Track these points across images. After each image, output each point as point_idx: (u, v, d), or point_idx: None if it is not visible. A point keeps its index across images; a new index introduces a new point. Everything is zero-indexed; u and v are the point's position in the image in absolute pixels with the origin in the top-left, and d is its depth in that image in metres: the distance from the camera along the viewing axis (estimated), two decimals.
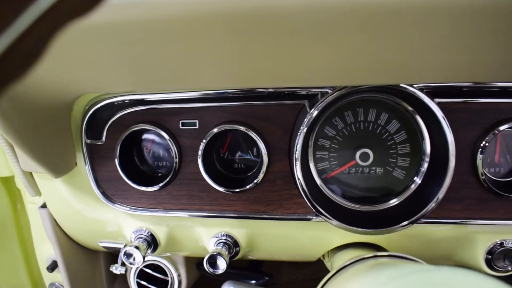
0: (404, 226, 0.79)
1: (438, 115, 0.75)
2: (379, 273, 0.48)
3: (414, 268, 0.47)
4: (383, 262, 0.65)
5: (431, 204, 0.77)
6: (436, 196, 0.77)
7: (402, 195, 0.85)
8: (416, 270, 0.44)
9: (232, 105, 0.83)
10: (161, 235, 0.93)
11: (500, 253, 0.87)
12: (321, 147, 0.87)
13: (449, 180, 0.76)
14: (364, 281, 0.49)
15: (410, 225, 0.79)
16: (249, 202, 0.85)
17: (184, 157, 0.86)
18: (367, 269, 0.57)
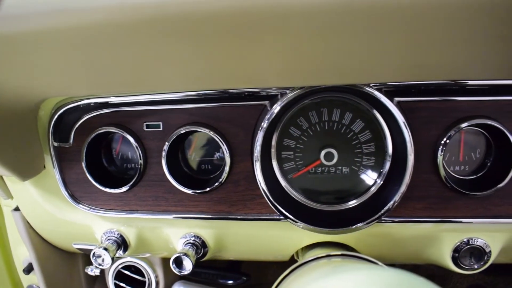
0: (362, 226, 0.79)
1: (395, 114, 0.75)
2: (316, 271, 0.49)
3: (350, 266, 0.47)
4: (334, 262, 0.66)
5: (389, 205, 0.77)
6: (395, 196, 0.77)
7: (364, 195, 0.85)
8: (349, 269, 0.45)
9: (195, 107, 0.84)
10: (131, 237, 0.94)
11: (467, 251, 0.87)
12: (286, 147, 0.88)
13: (408, 180, 0.76)
14: (302, 279, 0.49)
15: (369, 225, 0.79)
16: (214, 203, 0.86)
17: (149, 159, 0.87)
18: (313, 268, 0.57)
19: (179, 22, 0.56)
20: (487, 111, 0.79)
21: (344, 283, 0.40)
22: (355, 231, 0.79)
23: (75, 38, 0.57)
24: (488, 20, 0.55)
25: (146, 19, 0.55)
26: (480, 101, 0.79)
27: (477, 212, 0.82)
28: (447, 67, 0.70)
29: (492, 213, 0.82)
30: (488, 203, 0.81)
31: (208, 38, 0.59)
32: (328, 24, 0.56)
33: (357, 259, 0.69)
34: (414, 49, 0.63)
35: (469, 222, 0.82)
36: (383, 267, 0.44)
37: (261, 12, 0.54)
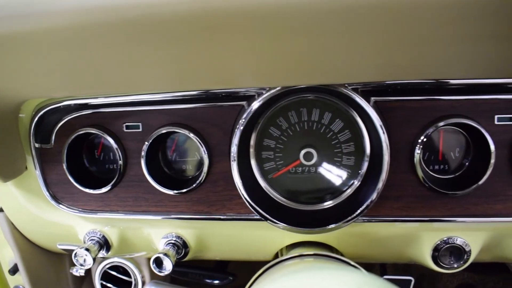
0: (340, 225, 0.79)
1: (370, 113, 0.75)
2: (281, 270, 0.49)
3: (315, 266, 0.47)
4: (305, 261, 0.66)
5: (365, 204, 0.77)
6: (371, 196, 0.77)
7: (343, 194, 0.85)
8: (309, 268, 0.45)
9: (174, 107, 0.84)
10: (113, 237, 0.95)
11: (446, 250, 0.87)
12: (266, 147, 0.88)
13: (384, 179, 0.76)
14: (267, 277, 0.50)
15: (346, 224, 0.79)
16: (193, 203, 0.86)
17: (129, 159, 0.87)
18: (282, 267, 0.57)
19: (152, 24, 0.56)
20: (464, 110, 0.79)
21: (297, 282, 0.40)
22: (333, 230, 0.79)
23: (53, 40, 0.58)
24: (464, 19, 0.55)
25: (121, 21, 0.55)
26: (457, 100, 0.79)
27: (455, 211, 0.82)
28: (424, 67, 0.70)
29: (470, 212, 0.82)
30: (465, 202, 0.81)
31: (181, 39, 0.60)
32: (301, 24, 0.56)
33: (329, 259, 0.69)
34: (390, 49, 0.63)
35: (447, 221, 0.82)
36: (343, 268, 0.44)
37: (234, 12, 0.54)
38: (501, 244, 0.88)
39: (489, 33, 0.59)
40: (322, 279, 0.40)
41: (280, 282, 0.42)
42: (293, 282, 0.41)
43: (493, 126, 0.79)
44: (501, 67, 0.72)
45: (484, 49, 0.63)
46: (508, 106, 0.79)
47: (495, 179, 0.80)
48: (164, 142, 0.91)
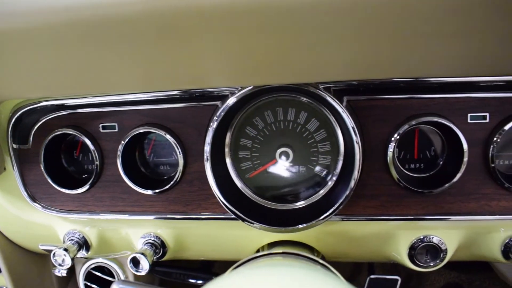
0: (313, 224, 0.79)
1: (341, 112, 0.75)
2: (239, 269, 0.49)
3: (270, 263, 0.48)
4: (274, 259, 0.67)
5: (337, 204, 0.77)
6: (343, 196, 0.77)
7: (318, 194, 0.86)
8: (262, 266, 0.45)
9: (150, 108, 0.85)
10: (92, 237, 0.95)
11: (422, 248, 0.87)
12: (243, 147, 0.88)
13: (356, 179, 0.76)
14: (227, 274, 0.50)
15: (320, 223, 0.79)
16: (169, 202, 0.86)
17: (106, 159, 0.87)
18: (246, 266, 0.58)
19: (123, 24, 0.56)
20: (437, 109, 0.80)
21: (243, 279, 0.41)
22: (304, 230, 0.79)
23: (25, 41, 0.58)
24: (438, 17, 0.55)
25: (91, 21, 0.56)
26: (430, 98, 0.79)
27: (429, 209, 0.82)
28: (396, 65, 0.70)
29: (444, 211, 0.82)
30: (440, 201, 0.81)
31: (151, 40, 0.60)
32: (271, 23, 0.57)
33: (297, 257, 0.69)
34: (361, 48, 0.63)
35: (421, 219, 0.82)
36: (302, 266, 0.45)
37: (203, 12, 0.54)
38: (477, 242, 0.88)
39: (460, 32, 0.59)
40: (268, 276, 0.41)
41: (227, 279, 0.42)
42: (235, 279, 0.42)
43: (466, 124, 0.79)
44: (473, 65, 0.73)
45: (455, 48, 0.63)
46: (481, 105, 0.79)
47: (469, 177, 0.80)
48: (142, 142, 0.91)
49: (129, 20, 0.55)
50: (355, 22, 0.57)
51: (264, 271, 0.42)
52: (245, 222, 0.81)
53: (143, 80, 0.74)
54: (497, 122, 0.79)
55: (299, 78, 0.74)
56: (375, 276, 1.33)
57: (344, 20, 0.56)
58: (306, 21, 0.56)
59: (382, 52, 0.65)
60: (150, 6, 0.54)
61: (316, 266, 0.65)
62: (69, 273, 1.19)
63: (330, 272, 0.62)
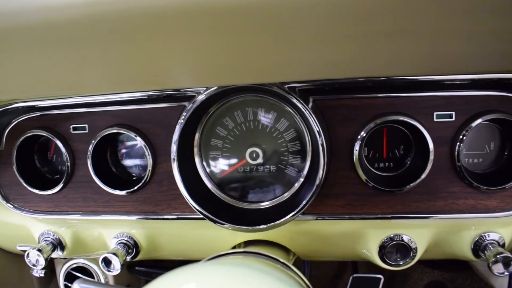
0: (279, 223, 0.79)
1: (304, 112, 0.75)
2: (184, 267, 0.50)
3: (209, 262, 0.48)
4: (236, 258, 0.67)
5: (303, 203, 0.77)
6: (309, 195, 0.77)
7: (287, 193, 0.86)
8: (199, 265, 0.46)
9: (119, 109, 0.85)
10: (66, 238, 0.96)
11: (392, 247, 0.87)
12: (214, 147, 0.89)
13: (320, 178, 0.76)
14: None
15: (286, 222, 0.79)
16: (139, 203, 0.87)
17: (77, 160, 0.88)
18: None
19: (86, 25, 0.57)
20: (403, 108, 0.80)
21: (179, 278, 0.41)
22: (270, 229, 0.80)
23: None
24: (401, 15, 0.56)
25: (57, 22, 0.56)
26: (396, 97, 0.80)
27: (396, 208, 0.82)
28: (361, 64, 0.70)
29: (411, 210, 0.82)
30: (407, 199, 0.82)
31: (115, 41, 0.60)
32: (233, 23, 0.57)
33: (258, 256, 0.69)
34: (324, 47, 0.63)
35: (388, 218, 0.82)
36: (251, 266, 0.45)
37: (166, 12, 0.55)
38: (448, 240, 0.88)
39: (422, 30, 0.59)
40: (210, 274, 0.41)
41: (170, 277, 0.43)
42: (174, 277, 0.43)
43: (432, 123, 0.79)
44: (437, 64, 0.73)
45: (419, 47, 0.64)
46: (446, 103, 0.79)
47: (435, 176, 0.81)
48: (114, 142, 0.92)
49: (90, 22, 0.56)
50: (317, 21, 0.57)
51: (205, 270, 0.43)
52: (212, 222, 0.82)
53: (108, 82, 0.74)
54: (463, 120, 0.79)
55: (263, 78, 0.74)
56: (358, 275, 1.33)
57: (307, 19, 0.56)
58: (268, 21, 0.56)
59: (345, 51, 0.65)
60: (111, 7, 0.54)
61: (276, 265, 0.66)
62: (50, 274, 1.20)
63: (284, 272, 0.62)
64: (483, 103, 0.79)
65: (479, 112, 0.79)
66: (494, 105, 0.79)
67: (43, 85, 0.73)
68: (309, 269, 1.47)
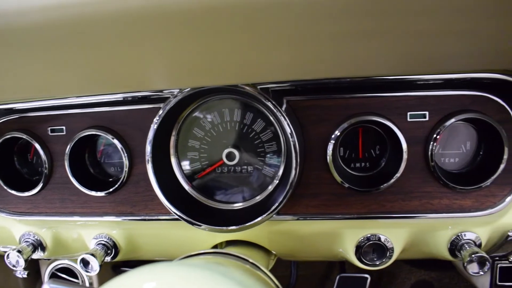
0: (253, 224, 0.79)
1: (276, 112, 0.76)
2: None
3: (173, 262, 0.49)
4: (205, 258, 0.68)
5: (276, 204, 0.77)
6: (282, 195, 0.77)
7: (263, 193, 0.86)
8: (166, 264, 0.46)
9: (96, 111, 0.86)
10: (47, 239, 0.96)
11: (369, 247, 0.87)
12: (191, 148, 0.89)
13: (293, 179, 0.76)
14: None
15: (260, 222, 0.79)
16: (116, 204, 0.87)
17: (55, 162, 0.89)
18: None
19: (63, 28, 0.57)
20: (377, 108, 0.80)
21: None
22: (242, 230, 0.80)
23: None
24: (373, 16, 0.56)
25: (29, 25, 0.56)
26: (370, 97, 0.80)
27: (371, 208, 0.82)
28: (334, 65, 0.71)
29: (386, 209, 0.82)
30: (382, 199, 0.82)
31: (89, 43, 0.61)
32: (205, 24, 0.57)
33: (227, 256, 0.70)
34: (299, 47, 0.63)
35: (363, 218, 0.83)
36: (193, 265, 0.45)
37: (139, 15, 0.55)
38: (425, 240, 0.88)
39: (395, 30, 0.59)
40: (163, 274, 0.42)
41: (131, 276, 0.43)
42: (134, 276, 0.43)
43: (406, 123, 0.80)
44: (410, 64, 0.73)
45: (392, 47, 0.64)
46: (420, 103, 0.80)
47: (410, 176, 0.81)
48: (92, 144, 0.92)
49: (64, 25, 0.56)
50: (289, 22, 0.57)
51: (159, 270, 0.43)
52: (187, 223, 0.82)
53: (82, 84, 0.75)
54: (436, 120, 0.79)
55: (236, 80, 0.75)
56: (345, 274, 1.33)
57: (279, 20, 0.56)
58: (240, 22, 0.57)
59: (318, 52, 0.65)
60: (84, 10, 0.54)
61: (245, 266, 0.66)
62: (36, 275, 1.21)
63: (251, 273, 0.62)
64: (457, 102, 0.79)
65: (452, 111, 0.79)
66: (468, 105, 0.79)
67: (19, 88, 0.74)
68: (296, 269, 1.47)
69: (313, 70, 0.73)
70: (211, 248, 0.96)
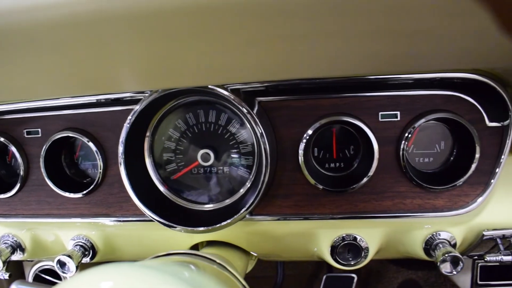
0: (225, 224, 0.79)
1: (246, 114, 0.76)
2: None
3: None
4: (172, 258, 0.68)
5: (248, 204, 0.77)
6: (253, 196, 0.77)
7: (237, 194, 0.87)
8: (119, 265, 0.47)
9: (71, 113, 0.86)
10: (26, 240, 0.97)
11: (344, 247, 0.87)
12: (167, 149, 0.89)
13: (263, 180, 0.76)
14: None
15: (230, 224, 0.79)
16: (92, 205, 0.88)
17: (31, 164, 0.89)
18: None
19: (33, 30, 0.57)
20: (348, 108, 0.80)
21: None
22: (214, 231, 0.80)
23: None
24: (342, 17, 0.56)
25: None
26: (341, 98, 0.80)
27: (343, 208, 0.82)
28: (304, 65, 0.71)
29: (358, 209, 0.82)
30: (354, 199, 0.82)
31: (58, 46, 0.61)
32: (174, 26, 0.57)
33: (194, 257, 0.70)
34: (267, 49, 0.63)
35: (336, 219, 0.83)
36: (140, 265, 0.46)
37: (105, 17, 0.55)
38: (400, 240, 0.88)
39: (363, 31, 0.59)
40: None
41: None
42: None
43: (377, 123, 0.80)
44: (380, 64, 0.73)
45: (361, 46, 0.64)
46: (392, 103, 0.80)
47: (382, 176, 0.81)
48: (69, 146, 0.93)
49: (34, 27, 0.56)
50: (257, 22, 0.57)
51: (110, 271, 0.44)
52: (160, 224, 0.82)
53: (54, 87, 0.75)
54: (408, 120, 0.79)
55: (206, 81, 0.75)
56: (332, 274, 1.34)
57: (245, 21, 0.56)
58: (208, 23, 0.57)
59: (287, 52, 0.65)
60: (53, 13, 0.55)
61: (212, 266, 0.66)
62: (21, 276, 1.21)
63: (214, 274, 0.63)
64: (429, 102, 0.79)
65: (424, 111, 0.79)
66: (439, 105, 0.79)
67: None
68: (283, 269, 1.47)
69: (283, 71, 0.73)
70: (189, 248, 0.97)
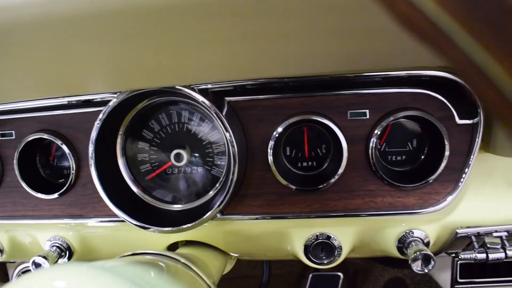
0: (187, 227, 0.79)
1: (213, 113, 0.76)
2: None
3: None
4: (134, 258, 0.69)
5: (217, 203, 0.78)
6: (223, 195, 0.78)
7: (208, 194, 0.87)
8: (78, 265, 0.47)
9: (43, 115, 0.87)
10: (4, 242, 0.98)
11: (317, 245, 0.87)
12: (141, 149, 0.90)
13: (231, 180, 0.77)
14: None
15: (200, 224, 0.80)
16: (66, 206, 0.88)
17: (5, 166, 0.90)
18: None
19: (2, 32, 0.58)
20: (317, 107, 0.80)
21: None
22: (182, 231, 0.80)
23: None
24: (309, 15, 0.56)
25: None
26: (309, 96, 0.80)
27: (314, 207, 0.82)
28: (269, 64, 0.71)
29: (329, 208, 0.82)
30: (325, 198, 0.82)
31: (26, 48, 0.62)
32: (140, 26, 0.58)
33: (158, 256, 0.70)
34: (233, 49, 0.64)
35: (306, 218, 0.83)
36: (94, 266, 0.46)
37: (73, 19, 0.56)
38: (374, 238, 0.88)
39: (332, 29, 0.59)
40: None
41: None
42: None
43: (346, 121, 0.80)
44: (347, 62, 0.73)
45: (328, 45, 0.64)
46: (361, 101, 0.79)
47: (352, 174, 0.81)
48: (45, 147, 0.93)
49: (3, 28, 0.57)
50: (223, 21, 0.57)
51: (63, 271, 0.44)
52: (132, 224, 0.83)
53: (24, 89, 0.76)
54: (377, 118, 0.79)
55: (173, 81, 0.75)
56: (318, 273, 1.33)
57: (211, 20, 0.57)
58: (173, 23, 0.57)
59: (251, 51, 0.65)
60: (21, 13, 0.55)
61: (176, 265, 0.67)
62: (6, 277, 1.23)
63: (178, 275, 0.63)
64: (397, 100, 0.79)
65: (393, 109, 0.79)
66: (408, 102, 0.79)
67: None
68: (269, 268, 1.47)
69: (248, 70, 0.73)
70: (167, 248, 0.97)
